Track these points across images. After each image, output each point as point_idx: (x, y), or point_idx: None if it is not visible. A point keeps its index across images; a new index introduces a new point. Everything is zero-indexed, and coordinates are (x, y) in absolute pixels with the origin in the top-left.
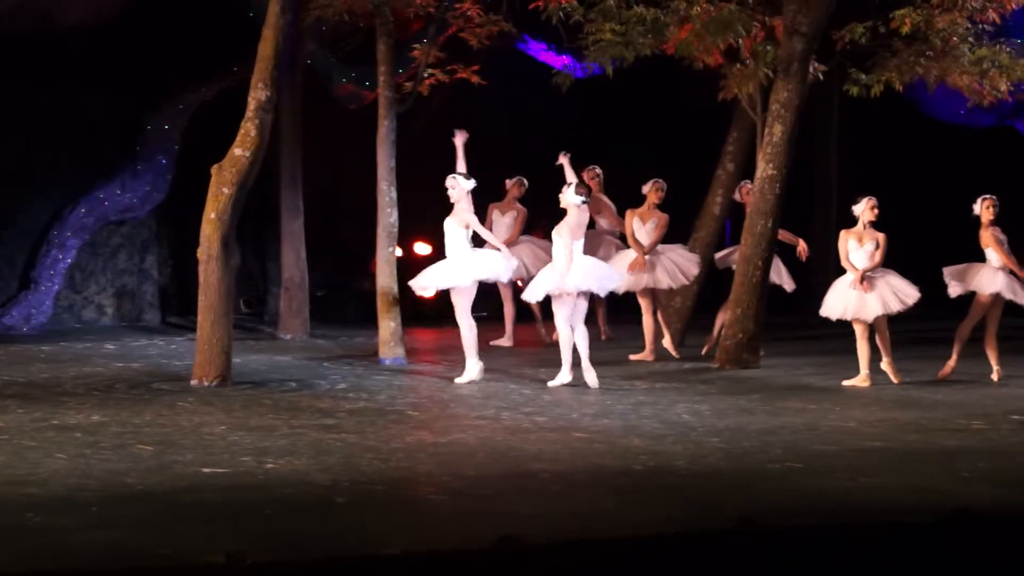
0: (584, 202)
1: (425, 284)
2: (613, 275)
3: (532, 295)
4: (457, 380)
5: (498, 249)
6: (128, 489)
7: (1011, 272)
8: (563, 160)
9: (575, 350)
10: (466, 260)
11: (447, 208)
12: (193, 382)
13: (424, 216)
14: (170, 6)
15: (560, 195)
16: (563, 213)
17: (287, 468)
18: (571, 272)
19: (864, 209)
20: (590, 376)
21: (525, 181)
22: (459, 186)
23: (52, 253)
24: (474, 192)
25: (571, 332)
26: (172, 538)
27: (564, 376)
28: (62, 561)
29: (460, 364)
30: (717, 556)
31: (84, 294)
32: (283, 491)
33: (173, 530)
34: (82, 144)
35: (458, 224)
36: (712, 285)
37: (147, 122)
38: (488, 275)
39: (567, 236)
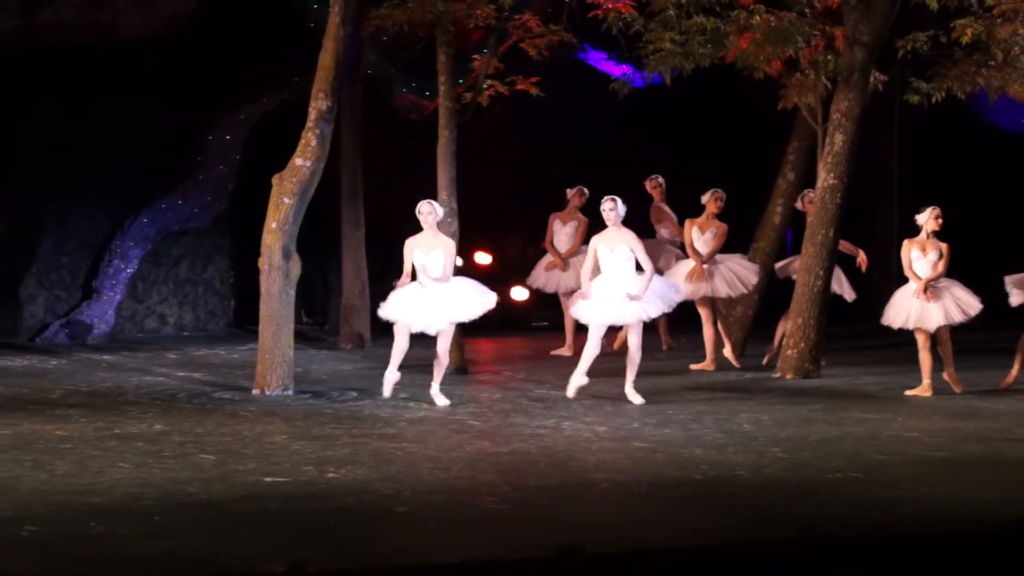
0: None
1: (399, 318)
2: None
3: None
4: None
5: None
6: (190, 498)
7: None
8: None
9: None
10: (448, 298)
11: (506, 218)
12: (255, 391)
13: (484, 226)
14: (231, 18)
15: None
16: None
17: (349, 477)
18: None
19: (928, 219)
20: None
21: (586, 191)
22: (436, 211)
23: (114, 263)
24: (535, 202)
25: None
26: (233, 547)
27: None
28: (124, 570)
29: (521, 373)
30: (778, 566)
31: (146, 304)
32: (345, 500)
33: (234, 539)
34: (143, 155)
35: (447, 252)
36: (772, 295)
37: (208, 132)
38: (465, 317)
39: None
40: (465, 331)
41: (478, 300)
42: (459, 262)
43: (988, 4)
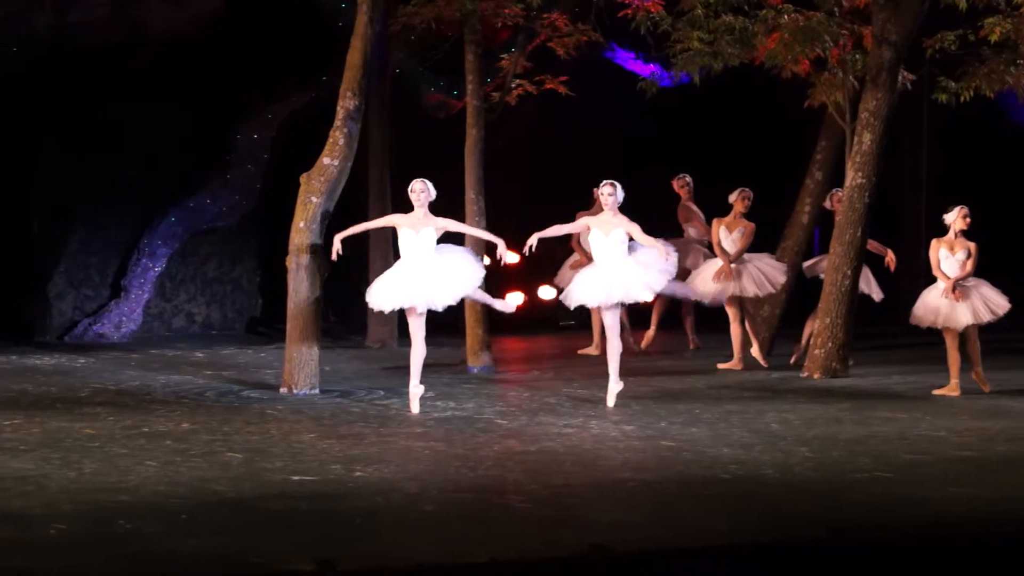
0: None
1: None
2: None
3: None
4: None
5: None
6: (217, 496)
7: None
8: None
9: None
10: (443, 271)
11: (534, 217)
12: (282, 390)
13: (512, 225)
14: (260, 17)
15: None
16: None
17: (376, 476)
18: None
19: (956, 218)
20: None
21: None
22: (429, 191)
23: (143, 262)
24: (563, 200)
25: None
26: (261, 545)
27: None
28: (152, 568)
29: (549, 372)
30: (806, 566)
31: (174, 302)
32: (372, 499)
33: (262, 537)
34: (172, 153)
35: (435, 231)
36: (800, 294)
37: (236, 131)
38: (465, 290)
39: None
40: (493, 330)
41: (471, 268)
42: (487, 261)
43: (1016, 3)
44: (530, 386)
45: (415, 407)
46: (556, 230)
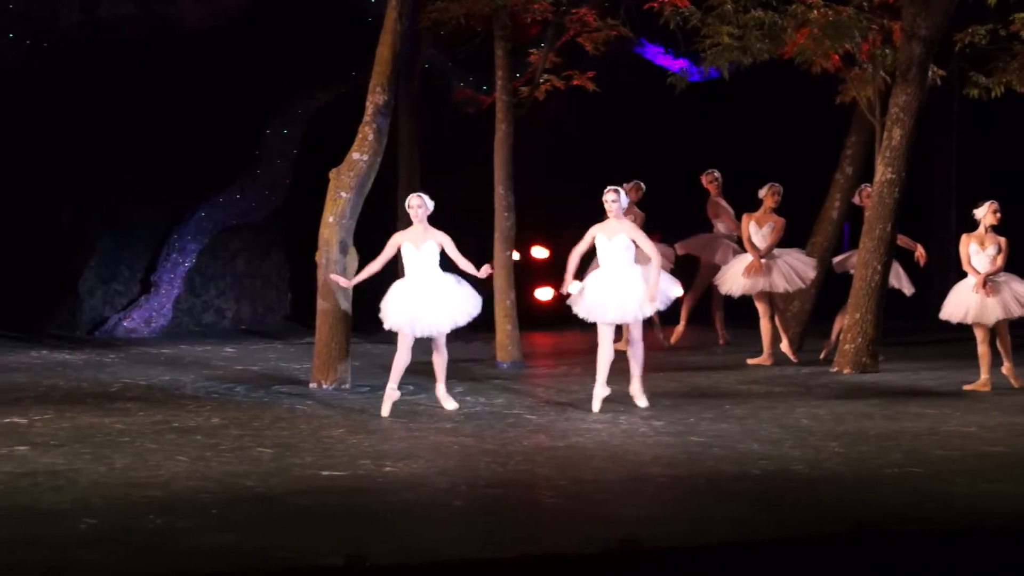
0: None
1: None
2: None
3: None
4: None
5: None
6: (248, 491)
7: None
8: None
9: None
10: (447, 298)
11: (563, 212)
12: (312, 385)
13: (541, 220)
14: (288, 12)
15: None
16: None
17: (406, 471)
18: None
19: (986, 213)
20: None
21: (642, 185)
22: (426, 205)
23: (172, 257)
24: (591, 195)
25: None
26: (291, 541)
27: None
28: (182, 562)
29: (578, 367)
30: (836, 561)
31: (204, 298)
32: (402, 494)
33: (292, 532)
34: (201, 149)
35: (436, 245)
36: (830, 289)
37: (265, 127)
38: (464, 319)
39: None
40: (522, 325)
41: (470, 301)
42: (516, 256)
43: None
44: (559, 381)
45: (387, 410)
46: (576, 253)
